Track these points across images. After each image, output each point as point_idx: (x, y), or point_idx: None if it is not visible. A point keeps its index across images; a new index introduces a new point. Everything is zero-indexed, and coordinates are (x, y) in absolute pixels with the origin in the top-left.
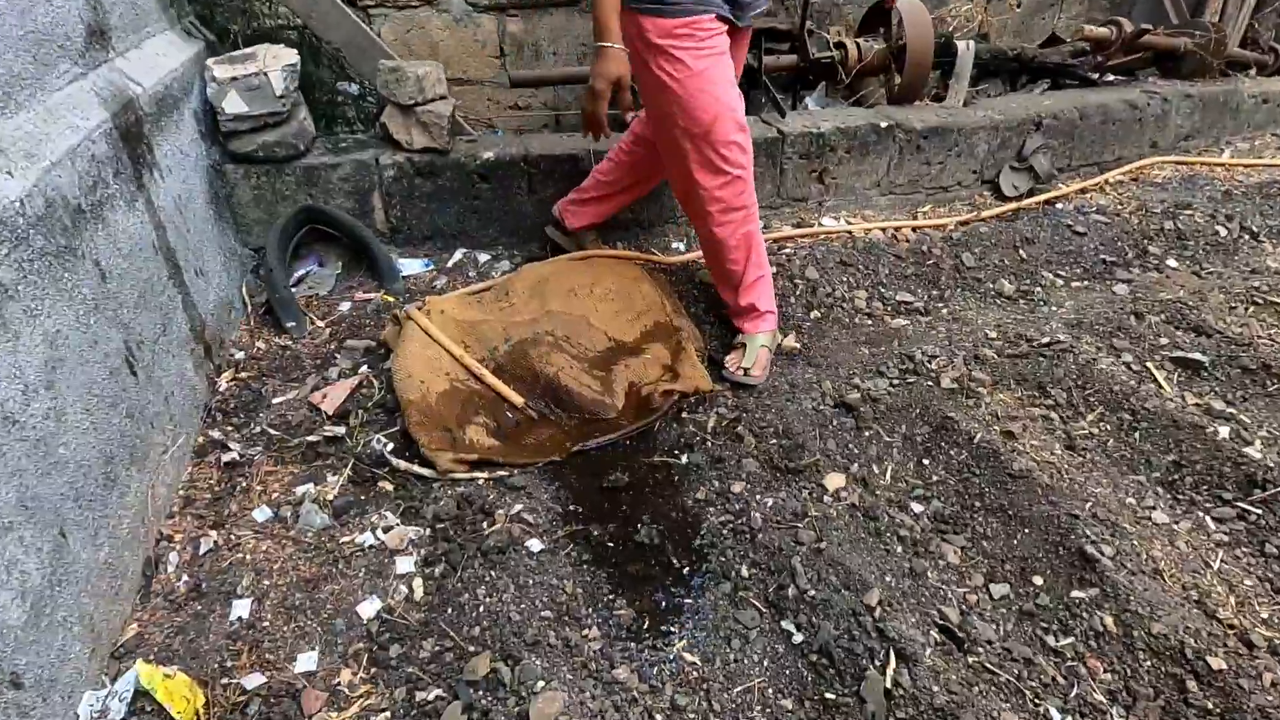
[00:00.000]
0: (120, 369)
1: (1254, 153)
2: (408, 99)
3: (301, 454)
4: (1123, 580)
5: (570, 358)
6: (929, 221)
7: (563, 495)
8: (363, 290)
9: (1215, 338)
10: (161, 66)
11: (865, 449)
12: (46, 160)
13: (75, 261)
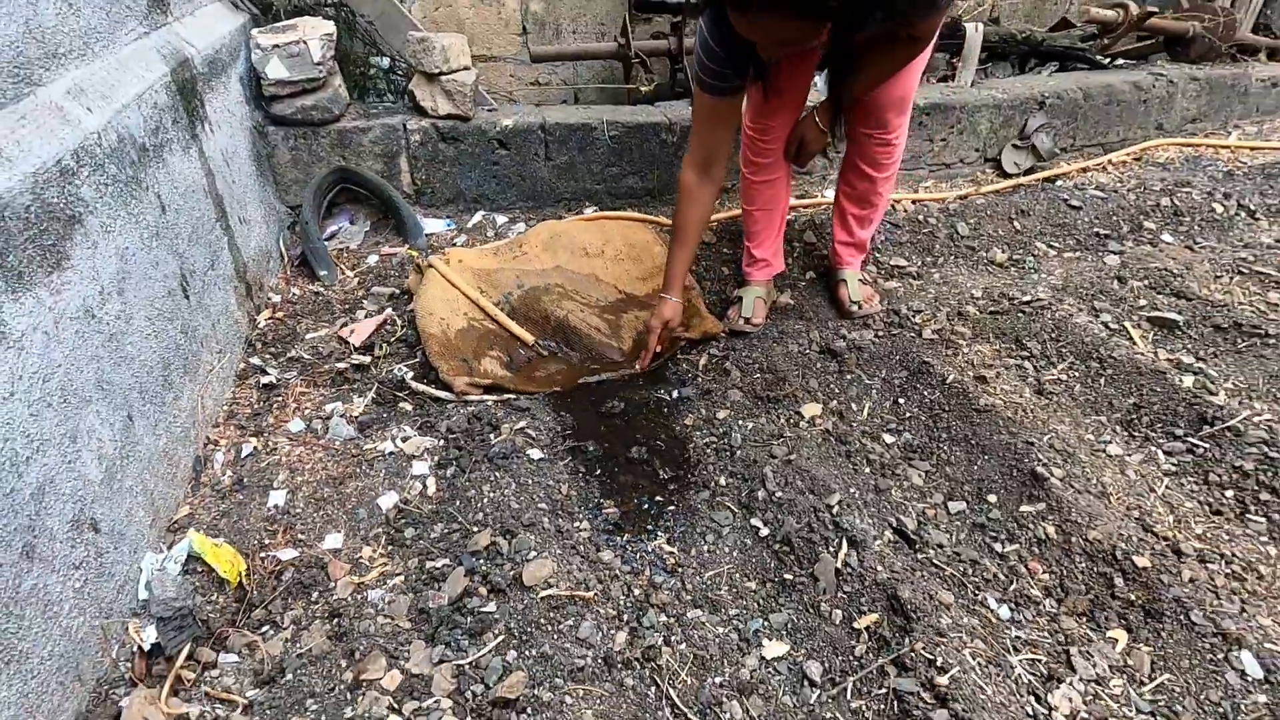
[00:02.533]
0: (176, 291)
1: (1261, 136)
2: (434, 68)
3: (331, 379)
4: (1068, 497)
5: (580, 304)
6: (928, 195)
7: (564, 418)
8: (389, 245)
9: (1195, 301)
10: (213, 32)
11: (846, 389)
12: (119, 102)
13: (140, 192)
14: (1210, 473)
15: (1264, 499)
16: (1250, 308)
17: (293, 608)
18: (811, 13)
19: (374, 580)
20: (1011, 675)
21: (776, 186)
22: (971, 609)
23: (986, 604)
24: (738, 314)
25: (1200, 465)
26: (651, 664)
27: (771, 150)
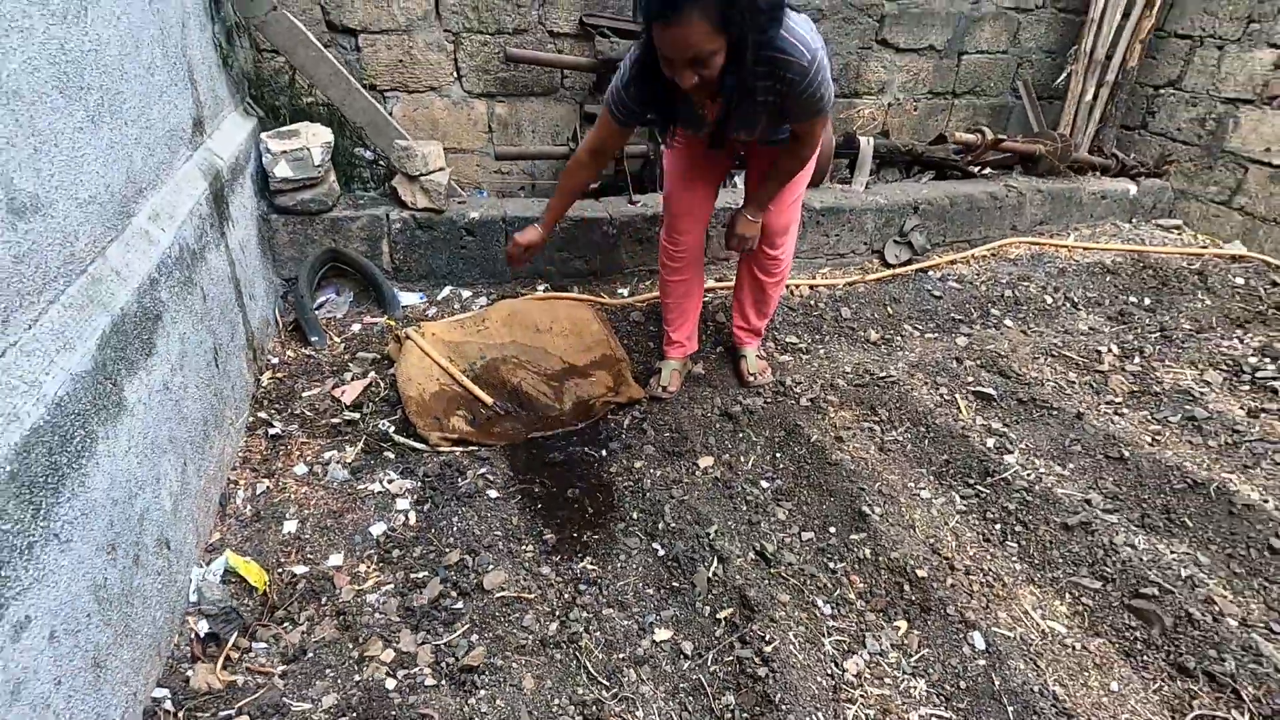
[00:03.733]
0: (211, 363)
1: (1093, 238)
2: (415, 171)
3: (327, 431)
4: (883, 529)
5: (531, 373)
6: (821, 281)
7: (516, 465)
8: (370, 315)
9: (1012, 378)
10: (233, 141)
11: (736, 445)
12: (179, 220)
13: (192, 288)
14: (987, 511)
15: (1018, 531)
16: (1051, 384)
17: (307, 609)
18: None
19: (370, 587)
20: (822, 649)
21: (689, 285)
22: (803, 607)
23: (815, 604)
24: (657, 383)
25: (981, 506)
26: (575, 645)
27: (682, 258)
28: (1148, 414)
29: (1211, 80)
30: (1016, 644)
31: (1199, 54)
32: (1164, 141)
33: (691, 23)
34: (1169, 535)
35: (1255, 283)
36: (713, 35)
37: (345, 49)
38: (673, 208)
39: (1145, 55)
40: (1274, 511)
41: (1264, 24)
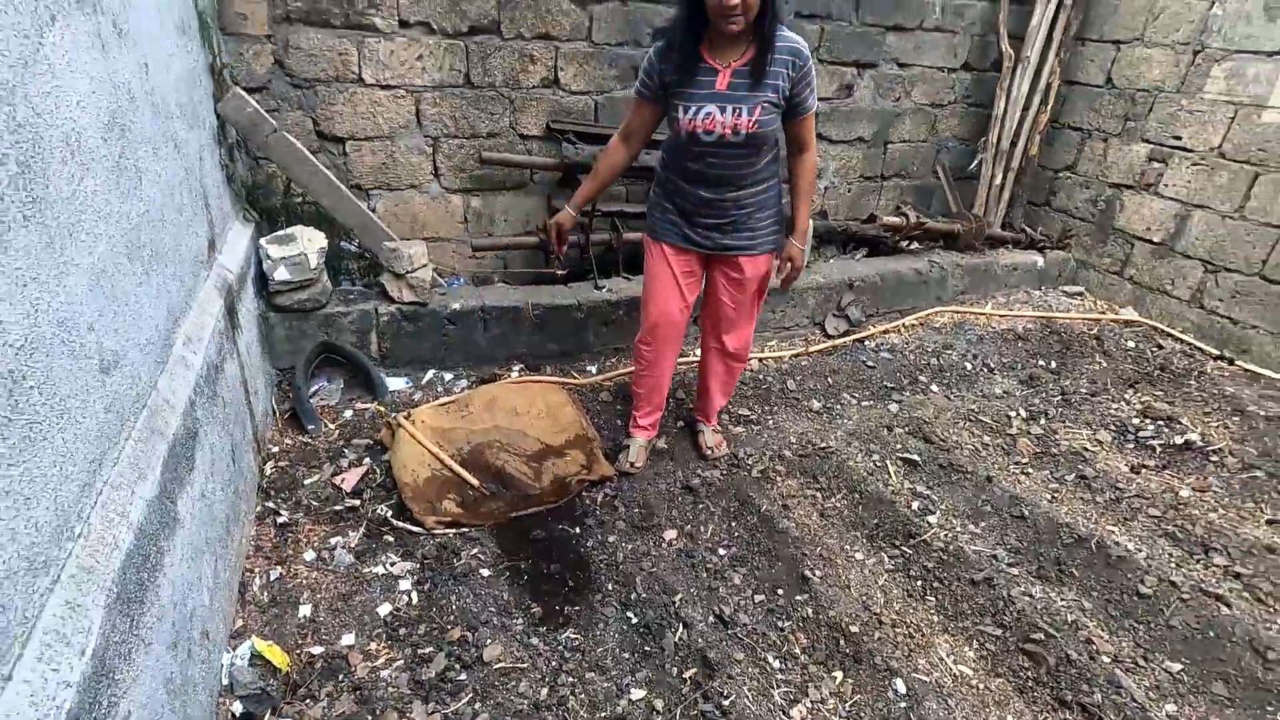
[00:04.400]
0: (230, 463)
1: (1008, 305)
2: (402, 270)
3: (330, 517)
4: (823, 590)
5: (512, 455)
6: (770, 355)
7: (504, 544)
8: (360, 401)
9: (934, 444)
10: (238, 251)
11: (697, 516)
12: (205, 340)
13: (216, 399)
14: (911, 570)
15: (936, 586)
16: (969, 448)
17: (326, 686)
18: None
19: (382, 664)
20: (772, 700)
21: (659, 380)
22: (755, 663)
23: (766, 659)
24: (626, 459)
25: (906, 565)
26: (563, 706)
27: (655, 359)
28: (1048, 473)
29: (1099, 167)
30: (932, 687)
31: (1088, 144)
32: (1065, 218)
33: None
34: (1060, 585)
35: (1143, 345)
36: None
37: (334, 154)
38: (652, 318)
39: (1044, 144)
40: (1142, 561)
41: (1137, 122)
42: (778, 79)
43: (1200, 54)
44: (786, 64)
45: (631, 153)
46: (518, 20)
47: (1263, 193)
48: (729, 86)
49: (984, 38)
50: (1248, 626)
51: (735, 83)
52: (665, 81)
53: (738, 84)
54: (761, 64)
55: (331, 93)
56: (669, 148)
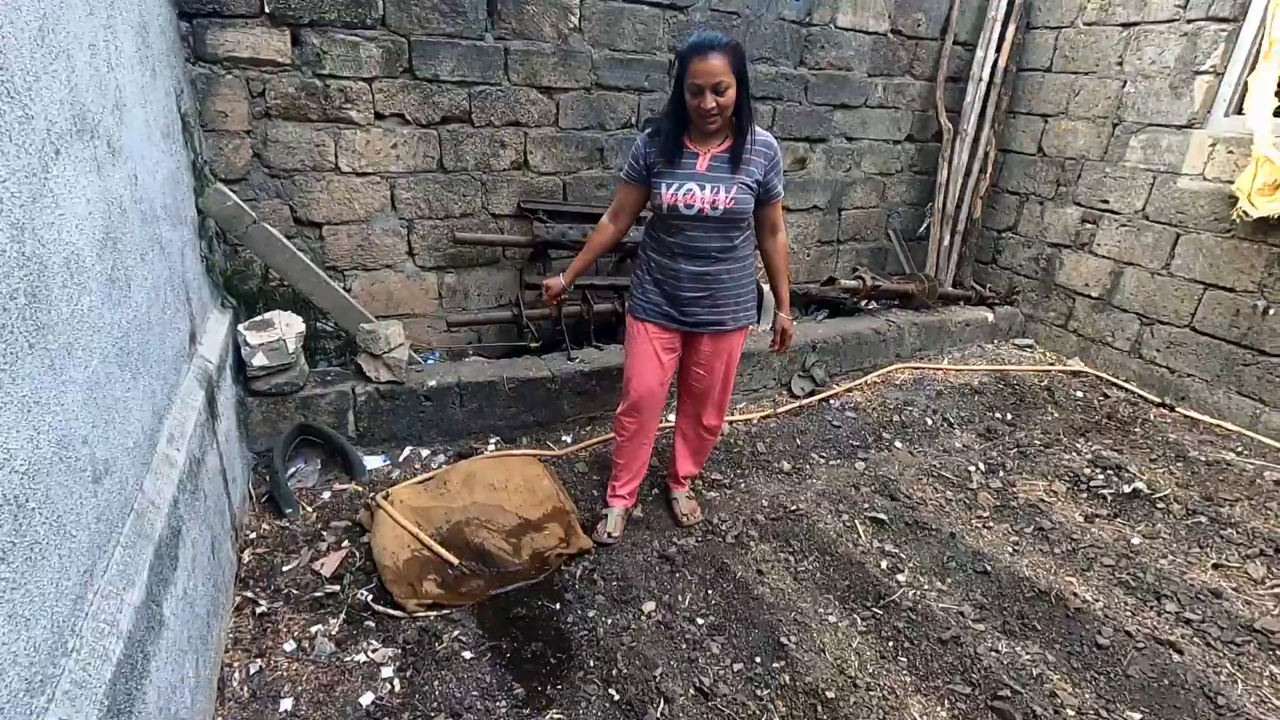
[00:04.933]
0: (210, 556)
1: (963, 360)
2: (379, 351)
3: (310, 605)
4: (799, 655)
5: (491, 531)
6: (739, 417)
7: (485, 624)
8: (339, 482)
9: (900, 501)
10: (217, 340)
11: (674, 585)
12: (188, 435)
13: (198, 494)
14: (882, 630)
15: (906, 646)
16: (933, 504)
17: None
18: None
19: None
20: None
21: (639, 450)
22: None
23: None
24: (604, 528)
25: (877, 626)
26: None
27: (634, 429)
28: (1008, 526)
29: (1038, 228)
30: None
31: (1026, 207)
32: (1011, 275)
33: (716, 58)
34: (1024, 639)
35: (1090, 395)
36: (728, 70)
37: (310, 238)
38: (636, 393)
39: (986, 207)
40: (1100, 611)
41: (1069, 187)
42: (753, 166)
43: (1119, 126)
44: (762, 154)
45: (619, 229)
46: (488, 109)
47: (1185, 251)
48: (708, 169)
49: (924, 113)
50: (1198, 673)
51: (715, 166)
52: (650, 164)
53: (717, 167)
54: (739, 152)
55: (309, 181)
56: (652, 229)
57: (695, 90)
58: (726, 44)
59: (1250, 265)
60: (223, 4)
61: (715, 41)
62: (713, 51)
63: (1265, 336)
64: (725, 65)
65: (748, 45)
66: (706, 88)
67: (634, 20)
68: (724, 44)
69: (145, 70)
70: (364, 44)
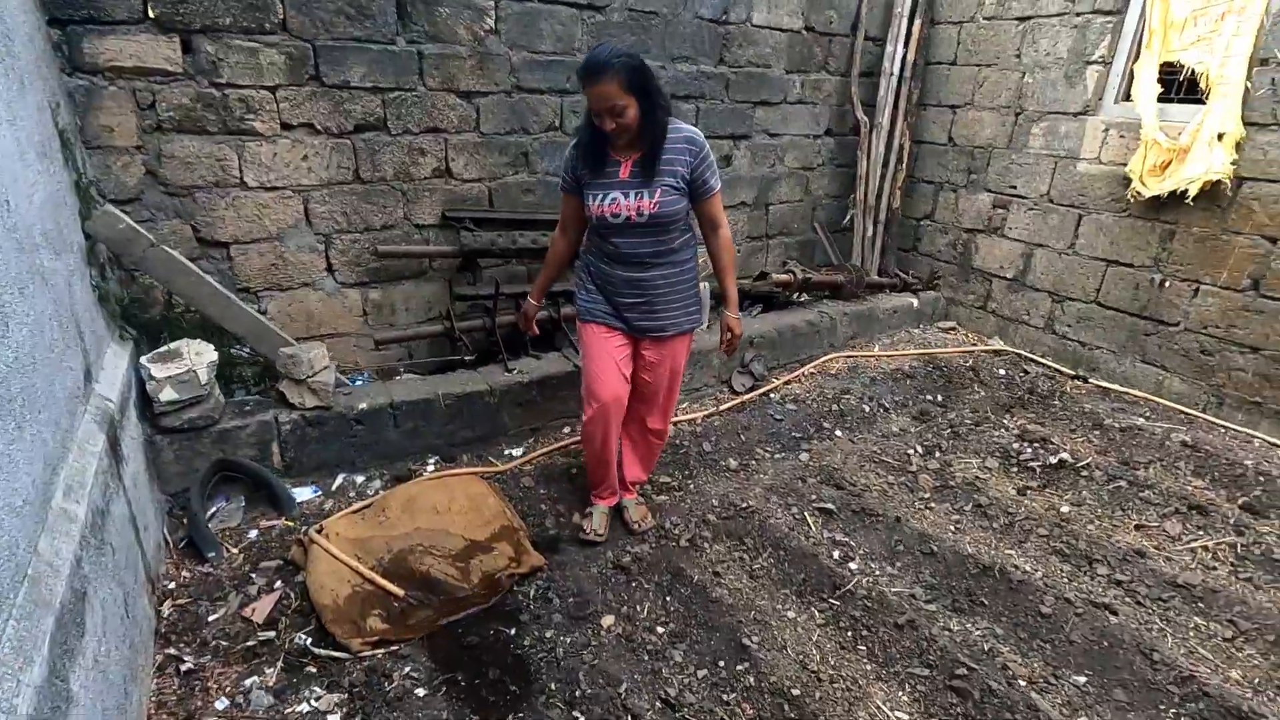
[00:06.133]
0: (124, 616)
1: (893, 345)
2: (301, 375)
3: (242, 655)
4: (762, 655)
5: (437, 557)
6: (683, 418)
7: (437, 657)
8: (266, 519)
9: (845, 489)
10: (117, 376)
11: (632, 595)
12: (88, 485)
13: (104, 548)
14: (840, 621)
15: (864, 635)
16: (876, 490)
17: None
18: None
19: None
20: None
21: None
22: None
23: None
24: (590, 527)
25: (836, 617)
26: None
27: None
28: (949, 505)
29: (954, 215)
30: None
31: (942, 195)
32: (931, 261)
33: (605, 81)
34: (973, 615)
35: (1012, 372)
36: (622, 93)
37: (218, 259)
38: (601, 400)
39: (904, 197)
40: (1039, 582)
41: (979, 175)
42: (676, 165)
43: (1021, 115)
44: (684, 151)
45: (570, 241)
46: (405, 116)
47: (1087, 231)
48: (630, 175)
49: (841, 107)
50: (1133, 631)
51: (636, 171)
52: (579, 175)
53: (639, 172)
54: (658, 155)
55: (212, 198)
56: (590, 234)
57: (595, 114)
58: (616, 65)
59: (1146, 242)
60: (100, 9)
61: (604, 65)
62: (602, 76)
63: (1163, 308)
64: (617, 87)
65: (667, 44)
66: (603, 111)
67: (552, 21)
68: (613, 66)
69: (10, 82)
70: (264, 50)
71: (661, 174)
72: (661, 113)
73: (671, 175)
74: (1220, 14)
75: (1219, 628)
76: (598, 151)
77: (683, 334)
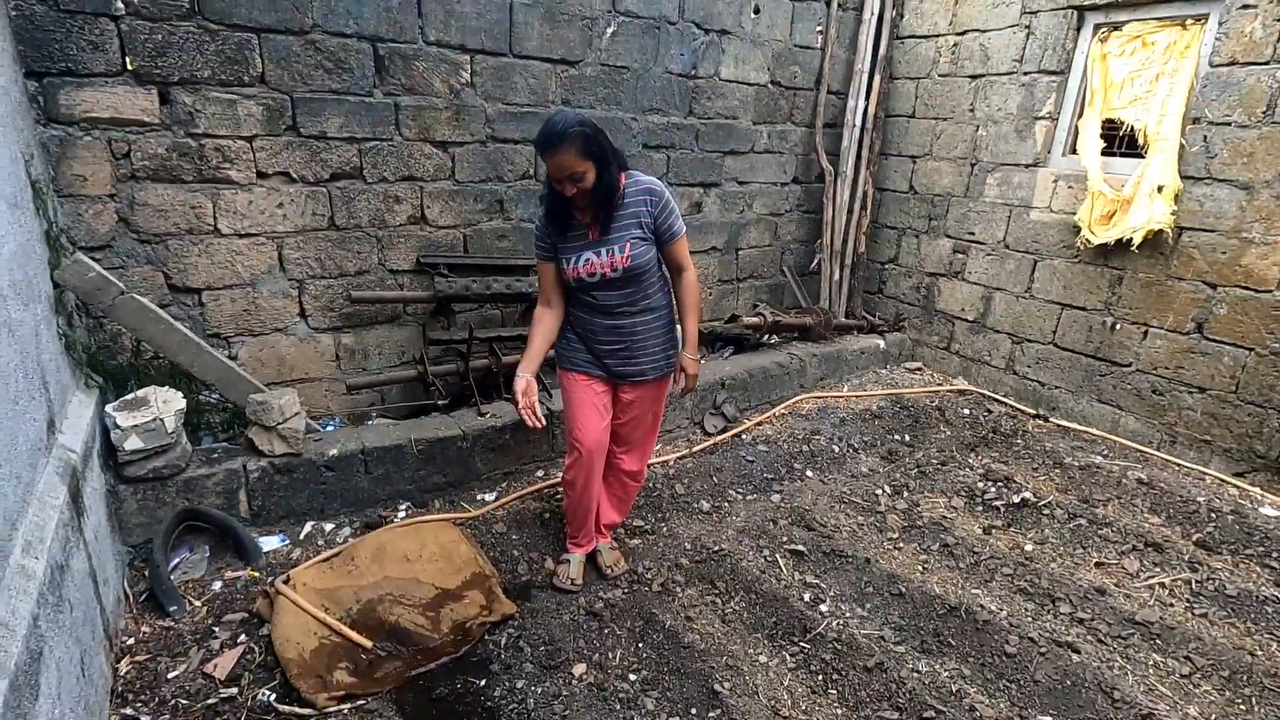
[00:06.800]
0: (80, 676)
1: (861, 386)
2: (271, 422)
3: (203, 714)
4: (733, 701)
5: (407, 607)
6: (656, 460)
7: (405, 712)
8: (231, 570)
9: (816, 531)
10: (81, 426)
11: (604, 641)
12: (48, 540)
13: (62, 605)
14: (812, 664)
15: (835, 679)
16: (847, 531)
17: None
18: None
19: None
20: None
21: (592, 500)
22: None
23: None
24: (565, 574)
25: (807, 660)
26: None
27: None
28: (916, 545)
29: (917, 259)
30: None
31: (904, 240)
32: (896, 303)
33: (563, 152)
34: (941, 656)
35: (976, 411)
36: (580, 160)
37: (189, 305)
38: (586, 447)
39: (869, 241)
40: (1004, 621)
41: (939, 221)
42: (639, 215)
43: (976, 166)
44: (644, 201)
45: (556, 312)
46: (381, 165)
47: (1042, 276)
48: (600, 238)
49: (807, 156)
50: (1095, 670)
51: (603, 231)
52: (553, 241)
53: (605, 230)
54: (610, 211)
55: (184, 245)
56: (570, 292)
57: (555, 180)
58: (572, 134)
59: (1097, 286)
60: (78, 62)
61: (561, 135)
62: (559, 146)
63: (1115, 349)
64: (574, 155)
65: (639, 98)
66: (563, 179)
67: (526, 75)
68: (569, 135)
69: None
70: (242, 101)
71: (627, 226)
72: (616, 171)
73: (638, 226)
74: (1154, 75)
75: (1176, 664)
76: (563, 214)
77: (663, 377)
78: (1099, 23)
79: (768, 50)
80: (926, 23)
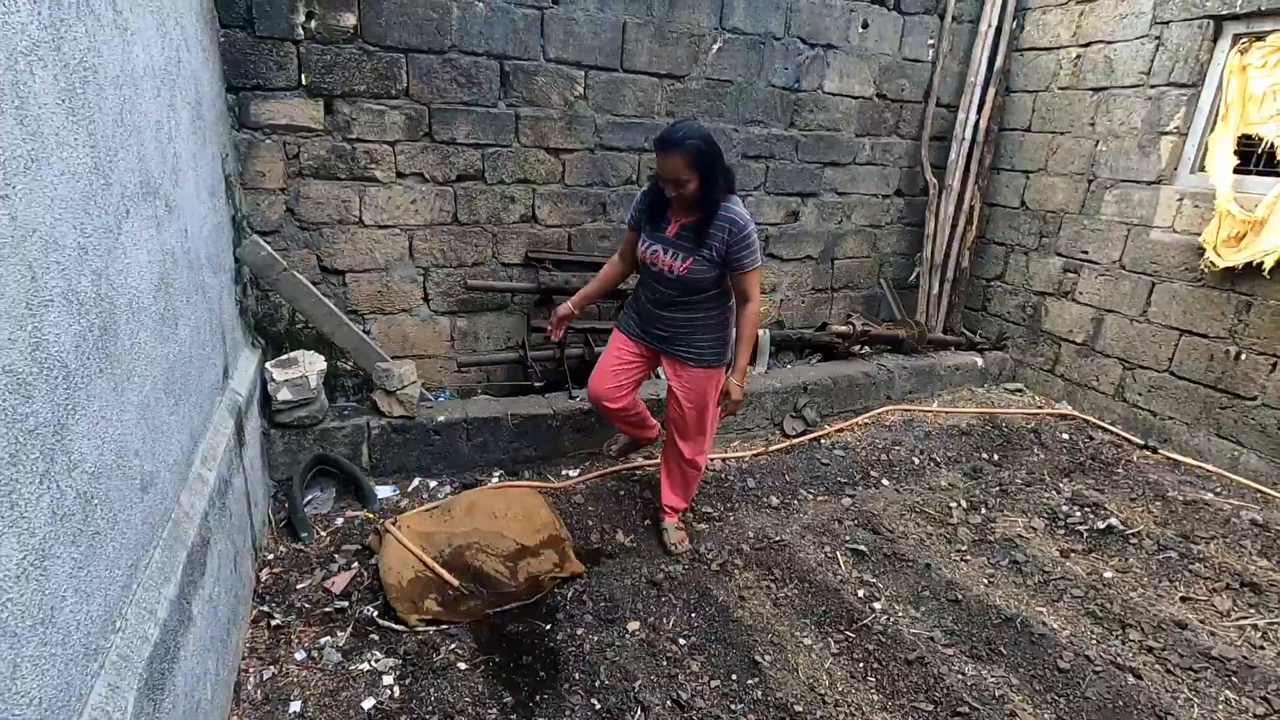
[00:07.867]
0: (233, 570)
1: (953, 403)
2: (392, 387)
3: (320, 619)
4: (773, 674)
5: (490, 555)
6: (732, 455)
7: (480, 639)
8: (351, 510)
9: (881, 535)
10: (247, 376)
11: (660, 608)
12: (218, 458)
13: (225, 511)
14: (855, 652)
15: (875, 667)
16: (914, 538)
17: None
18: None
19: None
20: None
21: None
22: None
23: None
24: (668, 541)
25: (850, 648)
26: None
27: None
28: (985, 559)
29: (1024, 277)
30: None
31: (1012, 258)
32: (1000, 322)
33: (674, 156)
34: (990, 663)
35: (1076, 437)
36: (687, 169)
37: (334, 285)
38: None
39: (974, 257)
40: (1063, 639)
41: (1050, 239)
42: (714, 240)
43: (1094, 182)
44: (724, 230)
45: (623, 267)
46: (500, 168)
47: (1160, 299)
48: (676, 236)
49: (911, 169)
50: (1151, 695)
51: (681, 235)
52: (642, 217)
53: (683, 236)
54: (701, 231)
55: (335, 233)
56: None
57: (660, 178)
58: (688, 145)
59: (1221, 312)
60: (265, 79)
61: (676, 143)
62: (673, 151)
63: (1239, 381)
64: (683, 164)
65: (740, 109)
66: (667, 180)
67: (634, 89)
68: (685, 145)
69: (198, 139)
70: (389, 111)
71: (699, 243)
72: (720, 191)
73: (708, 248)
74: None
75: (1251, 703)
76: (657, 205)
77: (703, 368)
78: (1239, 33)
79: (874, 64)
80: (1048, 35)
